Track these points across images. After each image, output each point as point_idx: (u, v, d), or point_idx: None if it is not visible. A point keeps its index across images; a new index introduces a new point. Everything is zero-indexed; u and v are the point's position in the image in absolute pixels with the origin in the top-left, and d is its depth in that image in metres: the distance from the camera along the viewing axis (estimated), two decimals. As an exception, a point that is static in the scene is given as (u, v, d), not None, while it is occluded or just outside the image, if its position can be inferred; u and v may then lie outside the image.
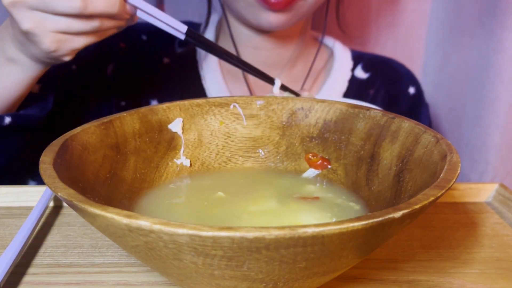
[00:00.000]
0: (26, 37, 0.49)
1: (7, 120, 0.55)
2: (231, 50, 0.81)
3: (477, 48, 0.96)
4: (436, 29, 1.02)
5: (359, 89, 0.84)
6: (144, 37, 0.84)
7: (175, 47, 0.85)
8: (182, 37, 0.55)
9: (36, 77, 0.56)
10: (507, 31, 0.91)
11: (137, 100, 0.81)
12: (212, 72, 0.81)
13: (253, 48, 0.80)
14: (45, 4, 0.46)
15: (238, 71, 0.82)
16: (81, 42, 0.51)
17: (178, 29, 0.54)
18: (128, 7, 0.51)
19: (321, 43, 0.86)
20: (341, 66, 0.84)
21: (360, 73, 0.86)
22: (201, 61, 0.83)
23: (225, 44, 0.82)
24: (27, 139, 0.61)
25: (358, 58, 0.87)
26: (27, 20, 0.47)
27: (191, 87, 0.82)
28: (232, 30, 0.79)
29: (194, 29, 0.87)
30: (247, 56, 0.80)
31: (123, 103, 0.80)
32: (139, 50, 0.83)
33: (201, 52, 0.83)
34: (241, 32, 0.79)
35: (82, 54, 0.80)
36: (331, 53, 0.87)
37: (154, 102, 0.81)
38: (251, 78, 0.81)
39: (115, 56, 0.81)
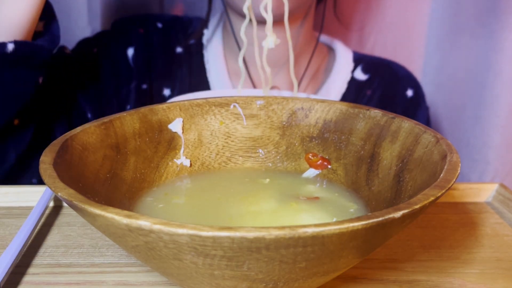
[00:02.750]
0: None
1: (10, 47, 0.50)
2: (234, 47, 0.81)
3: (477, 48, 0.96)
4: (436, 29, 1.02)
5: (357, 90, 0.85)
6: (159, 25, 0.86)
7: (189, 37, 0.87)
8: None
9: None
10: (507, 31, 0.91)
11: (151, 86, 0.84)
12: (217, 67, 0.83)
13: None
14: None
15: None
16: None
17: None
18: None
19: (317, 41, 0.86)
20: (342, 67, 0.85)
21: (360, 75, 0.86)
22: (207, 55, 0.84)
23: (229, 41, 0.83)
24: (39, 83, 0.57)
25: (359, 60, 0.87)
26: None
27: (197, 79, 0.84)
28: (234, 27, 0.80)
29: (201, 24, 0.87)
30: (249, 53, 0.80)
31: (144, 86, 0.83)
32: (156, 37, 0.85)
33: (207, 46, 0.85)
34: (239, 23, 0.79)
35: (101, 36, 0.84)
36: (332, 54, 0.87)
37: (166, 90, 0.84)
38: (255, 75, 0.81)
39: (135, 40, 0.83)
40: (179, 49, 0.86)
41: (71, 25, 0.95)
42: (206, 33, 0.87)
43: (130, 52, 0.82)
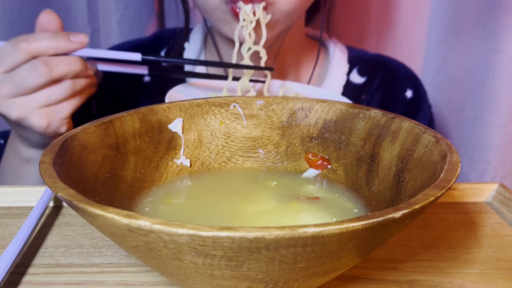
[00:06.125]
0: (20, 127, 0.54)
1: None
2: (215, 58, 0.78)
3: (477, 48, 0.96)
4: (436, 29, 1.02)
5: (354, 94, 0.80)
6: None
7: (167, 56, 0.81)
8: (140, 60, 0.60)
9: None
10: (507, 31, 0.91)
11: None
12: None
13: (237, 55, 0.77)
14: (17, 86, 0.52)
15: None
16: (66, 108, 0.55)
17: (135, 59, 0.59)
18: (88, 63, 0.57)
19: (319, 52, 0.81)
20: (337, 71, 0.80)
21: (356, 78, 0.81)
22: (189, 78, 0.80)
23: (211, 52, 0.80)
24: None
25: (355, 60, 0.82)
26: (12, 109, 0.53)
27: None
28: (220, 49, 0.77)
29: (179, 39, 0.83)
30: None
31: None
32: (118, 75, 0.79)
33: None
34: (224, 40, 0.76)
35: None
36: (326, 54, 0.82)
37: None
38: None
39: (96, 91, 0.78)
40: (147, 78, 0.80)
41: (71, 25, 0.95)
42: (188, 47, 0.81)
43: (94, 104, 0.77)
